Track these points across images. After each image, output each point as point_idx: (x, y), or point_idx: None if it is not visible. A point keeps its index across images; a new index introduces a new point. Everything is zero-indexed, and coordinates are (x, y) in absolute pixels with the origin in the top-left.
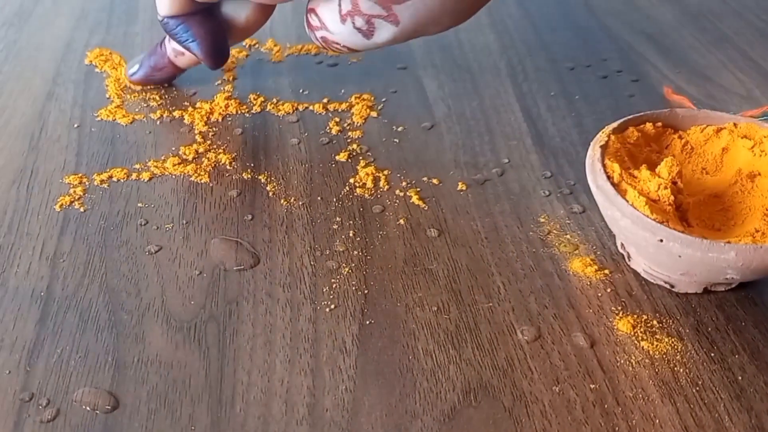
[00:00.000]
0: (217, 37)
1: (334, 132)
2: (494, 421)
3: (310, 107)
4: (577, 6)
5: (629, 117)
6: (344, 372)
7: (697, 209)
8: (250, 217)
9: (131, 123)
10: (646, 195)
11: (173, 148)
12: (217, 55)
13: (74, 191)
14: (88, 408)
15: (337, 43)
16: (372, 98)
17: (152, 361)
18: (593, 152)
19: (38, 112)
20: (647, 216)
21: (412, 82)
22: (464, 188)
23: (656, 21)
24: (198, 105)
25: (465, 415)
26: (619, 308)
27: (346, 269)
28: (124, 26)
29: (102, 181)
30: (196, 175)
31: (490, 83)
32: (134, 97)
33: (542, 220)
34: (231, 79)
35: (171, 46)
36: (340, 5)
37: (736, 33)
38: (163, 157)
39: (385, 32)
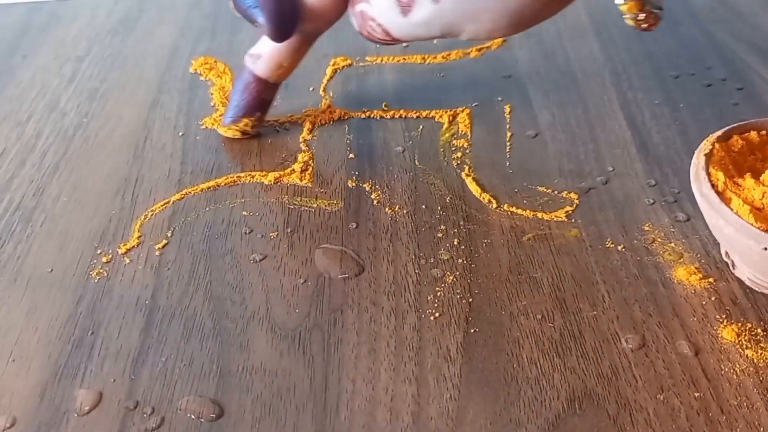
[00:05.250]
0: (283, 3)
1: (439, 140)
2: (599, 429)
3: (415, 115)
4: (682, 14)
5: (734, 125)
6: (449, 380)
7: None
8: (354, 225)
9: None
10: (751, 203)
11: (277, 156)
12: (281, 22)
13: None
14: (192, 416)
15: (373, 20)
16: (477, 106)
17: (257, 370)
18: (697, 160)
19: (143, 121)
20: (752, 224)
21: (516, 91)
22: (569, 196)
23: (761, 29)
24: (303, 113)
25: (569, 423)
26: (724, 316)
27: (451, 277)
28: (229, 34)
29: (207, 190)
30: (300, 183)
31: (595, 91)
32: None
33: (647, 228)
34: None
35: (247, 55)
36: None
37: None
38: (267, 166)
39: (422, 11)
